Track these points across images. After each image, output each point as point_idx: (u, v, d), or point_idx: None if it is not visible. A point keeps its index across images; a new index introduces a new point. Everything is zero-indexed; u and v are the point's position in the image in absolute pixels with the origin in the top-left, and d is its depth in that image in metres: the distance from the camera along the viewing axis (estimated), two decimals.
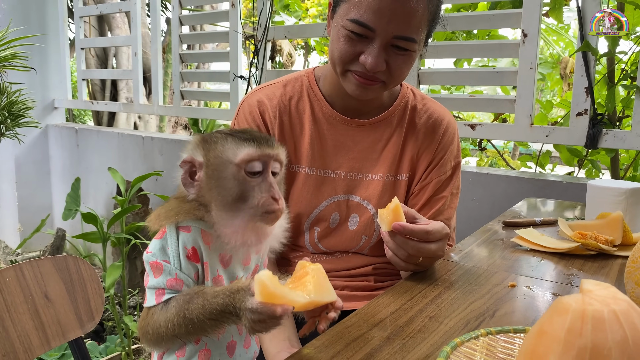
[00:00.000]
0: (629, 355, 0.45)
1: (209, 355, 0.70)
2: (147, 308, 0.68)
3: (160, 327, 0.66)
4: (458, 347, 0.64)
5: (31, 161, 3.89)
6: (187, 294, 0.66)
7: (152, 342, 0.68)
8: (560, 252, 1.11)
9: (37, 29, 3.72)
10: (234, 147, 0.68)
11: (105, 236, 2.39)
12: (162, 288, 0.67)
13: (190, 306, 0.64)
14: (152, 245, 0.69)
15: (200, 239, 0.69)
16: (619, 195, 1.23)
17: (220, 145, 0.69)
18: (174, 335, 0.66)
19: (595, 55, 1.81)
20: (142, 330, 0.69)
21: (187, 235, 0.68)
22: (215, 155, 0.68)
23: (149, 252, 0.69)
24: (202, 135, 0.72)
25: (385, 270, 1.23)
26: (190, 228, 0.68)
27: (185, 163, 0.70)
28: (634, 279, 0.74)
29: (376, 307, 0.82)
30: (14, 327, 0.80)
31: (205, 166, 0.69)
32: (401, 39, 1.00)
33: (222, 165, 0.68)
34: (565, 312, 0.48)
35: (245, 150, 0.68)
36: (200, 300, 0.64)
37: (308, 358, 0.67)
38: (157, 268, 0.67)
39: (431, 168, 1.18)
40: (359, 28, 1.00)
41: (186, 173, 0.70)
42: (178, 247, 0.68)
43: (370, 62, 1.00)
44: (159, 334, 0.67)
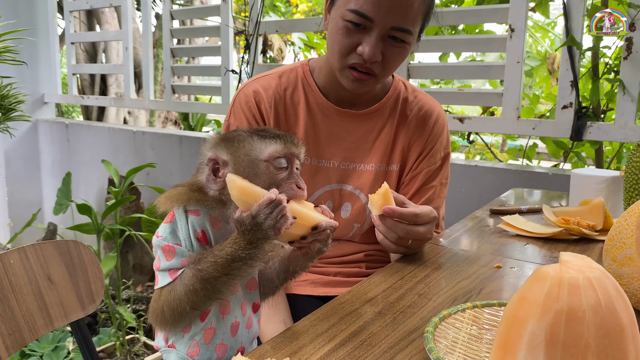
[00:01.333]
0: (602, 317, 0.49)
1: (212, 334, 0.73)
2: (159, 289, 0.70)
3: (181, 300, 0.67)
4: (446, 319, 0.67)
5: (20, 156, 3.88)
6: (196, 256, 0.68)
7: (168, 322, 0.69)
8: (544, 237, 1.15)
9: (27, 23, 3.70)
10: (261, 145, 0.71)
11: (100, 227, 2.40)
12: (177, 268, 0.69)
13: (203, 266, 0.67)
14: (161, 229, 0.71)
15: (209, 222, 0.71)
16: (600, 183, 1.28)
17: (248, 144, 0.71)
18: (194, 304, 0.68)
19: (579, 50, 1.86)
20: (156, 312, 0.70)
21: (197, 219, 0.71)
22: (245, 152, 0.71)
23: (159, 237, 0.70)
24: (222, 135, 0.74)
25: (376, 257, 1.26)
26: (199, 212, 0.71)
27: (210, 161, 0.72)
28: (610, 256, 0.79)
29: (368, 285, 0.85)
30: (19, 307, 0.83)
31: (233, 164, 0.71)
32: (398, 30, 1.03)
33: (251, 163, 0.71)
34: (544, 279, 0.52)
35: (272, 147, 0.71)
36: (210, 257, 0.67)
37: (302, 332, 0.70)
38: (169, 251, 0.69)
39: (421, 158, 1.21)
40: (358, 18, 1.02)
41: (210, 170, 0.72)
42: (188, 229, 0.70)
43: (367, 52, 1.03)
44: (180, 308, 0.68)
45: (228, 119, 1.20)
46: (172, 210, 0.71)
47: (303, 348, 0.66)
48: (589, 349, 0.48)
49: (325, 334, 0.70)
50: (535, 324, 0.49)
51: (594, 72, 1.99)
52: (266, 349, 0.66)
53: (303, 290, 1.19)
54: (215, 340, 0.73)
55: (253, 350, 0.66)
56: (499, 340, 0.53)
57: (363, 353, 0.65)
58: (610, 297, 0.50)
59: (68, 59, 3.82)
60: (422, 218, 0.98)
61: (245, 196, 0.65)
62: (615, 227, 0.80)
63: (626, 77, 1.78)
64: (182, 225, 0.70)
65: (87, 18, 4.92)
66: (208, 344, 0.72)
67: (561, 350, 0.48)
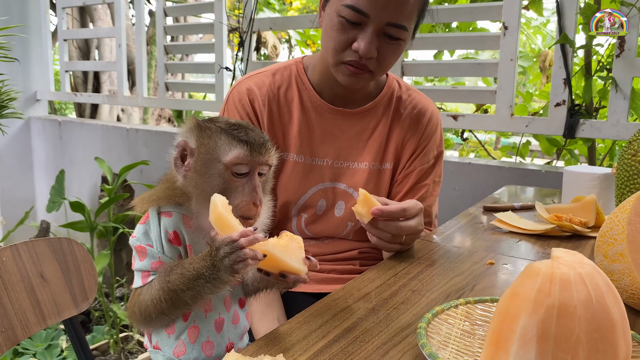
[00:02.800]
0: (592, 312, 0.49)
1: (197, 332, 0.73)
2: (134, 289, 0.71)
3: (147, 306, 0.69)
4: (439, 315, 0.68)
5: (13, 154, 3.86)
6: (166, 267, 0.68)
7: (140, 322, 0.71)
8: (537, 234, 1.16)
9: (19, 20, 3.68)
10: (225, 146, 0.69)
11: (93, 225, 2.39)
12: (148, 270, 0.70)
13: (171, 277, 0.67)
14: (136, 230, 0.72)
15: (182, 223, 0.71)
16: (592, 180, 1.29)
17: (213, 141, 0.70)
18: (161, 311, 0.68)
19: (572, 48, 1.86)
20: (130, 310, 0.72)
21: (169, 220, 0.71)
22: (207, 150, 0.69)
23: (134, 237, 0.72)
24: (199, 121, 0.73)
25: (370, 254, 1.27)
26: (172, 213, 0.71)
27: (178, 146, 0.72)
28: (602, 252, 0.79)
29: (361, 282, 0.86)
30: (11, 304, 0.83)
31: (195, 155, 0.71)
32: (393, 26, 1.03)
33: (210, 161, 0.69)
34: (536, 275, 0.52)
35: (235, 152, 0.69)
36: (179, 269, 0.66)
37: (296, 328, 0.70)
38: (141, 252, 0.70)
39: (415, 157, 1.22)
40: (353, 14, 1.02)
41: (178, 155, 0.72)
42: (160, 231, 0.70)
43: (363, 48, 1.03)
44: (147, 312, 0.69)
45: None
46: (146, 211, 0.72)
47: (296, 344, 0.66)
48: (580, 343, 0.48)
49: (319, 330, 0.70)
50: (527, 319, 0.50)
51: (586, 70, 2.00)
52: (260, 345, 0.66)
53: (297, 287, 1.19)
54: (200, 339, 0.73)
55: (246, 347, 0.66)
56: (491, 336, 0.53)
57: (356, 349, 0.65)
58: (601, 292, 0.51)
59: (61, 56, 3.80)
60: (410, 211, 0.98)
61: (220, 224, 0.63)
62: (606, 223, 0.81)
63: (618, 75, 1.79)
64: (154, 226, 0.71)
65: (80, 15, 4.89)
66: (194, 343, 0.73)
67: (553, 345, 0.48)
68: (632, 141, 1.08)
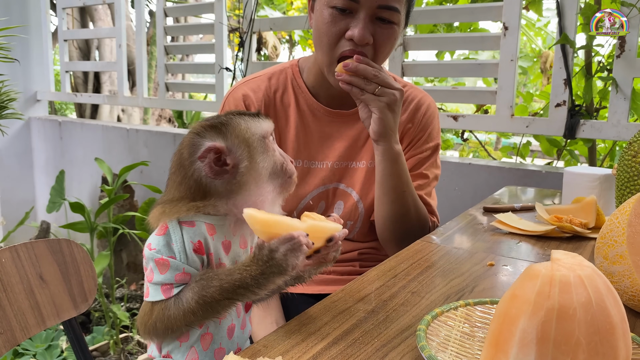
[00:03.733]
0: (592, 314, 0.49)
1: (210, 339, 0.72)
2: (151, 303, 0.68)
3: (176, 320, 0.67)
4: (438, 317, 0.68)
5: (13, 154, 3.86)
6: (200, 279, 0.67)
7: (160, 335, 0.69)
8: (537, 235, 1.16)
9: (19, 20, 3.68)
10: (256, 123, 0.72)
11: (93, 226, 2.39)
12: (170, 283, 0.67)
13: (209, 291, 0.66)
14: (154, 242, 0.68)
15: (206, 231, 0.70)
16: (593, 181, 1.28)
17: (246, 124, 0.71)
18: (188, 323, 0.67)
19: (572, 48, 1.86)
20: (147, 324, 0.68)
21: (192, 230, 0.68)
22: (252, 132, 0.71)
23: (152, 249, 0.68)
24: (210, 123, 0.71)
25: (370, 255, 1.27)
26: (194, 223, 0.69)
27: (208, 152, 0.68)
28: (602, 254, 0.79)
29: (361, 284, 0.86)
30: (10, 306, 0.82)
31: (243, 146, 0.70)
32: (385, 8, 1.02)
33: (258, 140, 0.71)
34: (536, 277, 0.52)
35: (264, 124, 0.73)
36: (217, 282, 0.66)
37: (295, 330, 0.70)
38: (162, 264, 0.67)
39: (411, 146, 1.22)
40: (343, 1, 1.01)
41: (211, 162, 0.68)
42: (183, 242, 0.68)
43: (357, 34, 1.02)
44: (174, 326, 0.67)
45: None
46: (165, 222, 0.69)
47: (295, 346, 0.66)
48: (580, 346, 0.48)
49: (318, 332, 0.70)
50: (526, 321, 0.49)
51: (587, 70, 2.00)
52: (258, 347, 0.66)
53: (296, 289, 1.19)
54: (213, 346, 0.72)
55: (245, 350, 0.66)
56: (491, 338, 0.53)
57: (356, 351, 0.65)
58: (601, 294, 0.50)
59: (61, 57, 3.80)
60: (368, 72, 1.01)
61: (268, 227, 0.65)
62: (606, 225, 0.80)
63: (619, 75, 1.78)
64: (176, 237, 0.68)
65: (80, 15, 4.89)
66: (207, 350, 0.72)
67: (552, 347, 0.48)
68: (632, 142, 1.08)
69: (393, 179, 1.10)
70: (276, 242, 0.65)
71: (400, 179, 1.10)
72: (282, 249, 0.64)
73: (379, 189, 1.12)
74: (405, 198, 1.12)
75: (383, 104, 1.03)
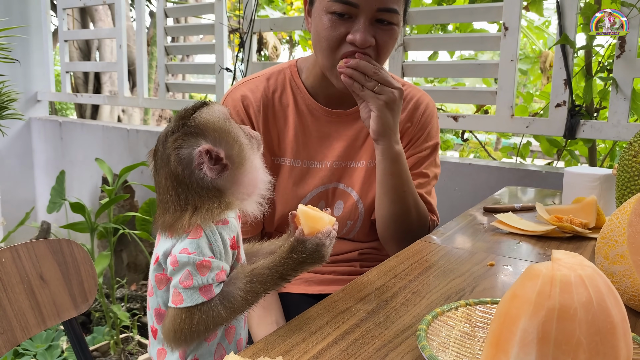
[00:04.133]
0: (593, 314, 0.49)
1: (234, 331, 0.75)
2: (186, 309, 0.66)
3: (223, 318, 0.68)
4: (439, 316, 0.68)
5: (14, 154, 3.86)
6: (245, 275, 0.70)
7: (199, 338, 0.69)
8: (537, 235, 1.16)
9: (19, 21, 3.68)
10: (210, 110, 0.74)
11: (93, 226, 2.40)
12: (210, 284, 0.67)
13: (254, 286, 0.70)
14: (191, 245, 0.67)
15: (238, 225, 0.74)
16: (593, 181, 1.28)
17: (208, 116, 0.72)
18: (233, 319, 0.71)
19: (573, 48, 1.86)
20: (184, 330, 0.67)
21: (228, 227, 0.71)
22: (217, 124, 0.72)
23: (191, 254, 0.66)
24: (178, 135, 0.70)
25: (370, 255, 1.27)
26: (227, 220, 0.71)
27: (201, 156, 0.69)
28: (602, 254, 0.79)
29: (361, 283, 0.86)
30: (10, 306, 0.83)
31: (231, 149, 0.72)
32: (385, 11, 1.02)
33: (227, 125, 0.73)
34: (536, 277, 0.52)
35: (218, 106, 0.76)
36: (261, 277, 0.70)
37: (295, 330, 0.70)
38: (204, 266, 0.66)
39: (410, 145, 1.22)
40: (342, 7, 1.01)
41: (207, 164, 0.69)
42: (221, 241, 0.69)
43: (359, 37, 1.02)
44: (217, 325, 0.68)
45: None
46: (197, 226, 0.68)
47: (296, 346, 0.66)
48: (581, 346, 0.48)
49: (319, 332, 0.70)
50: (527, 321, 0.49)
51: (587, 71, 2.00)
52: (259, 347, 0.66)
53: (297, 289, 1.19)
54: (236, 337, 0.75)
55: (246, 349, 0.66)
56: (492, 338, 0.53)
57: (356, 351, 0.65)
58: (601, 294, 0.50)
59: (61, 57, 3.80)
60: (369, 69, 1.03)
61: (315, 223, 0.74)
62: (607, 225, 0.80)
63: (619, 76, 1.78)
64: (215, 238, 0.69)
65: (81, 15, 4.89)
66: (231, 343, 0.74)
67: (553, 347, 0.48)
68: (632, 142, 1.08)
69: (393, 179, 1.10)
70: (322, 237, 0.73)
71: (400, 179, 1.11)
72: (327, 243, 0.73)
73: (380, 189, 1.13)
74: (406, 197, 1.12)
75: (382, 102, 1.04)
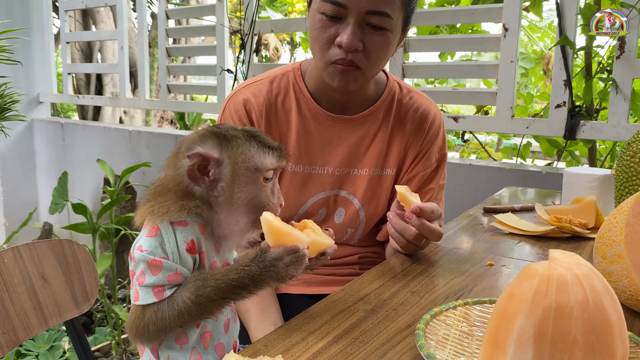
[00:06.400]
0: (589, 313, 0.50)
1: (210, 337, 0.72)
2: (141, 306, 0.67)
3: (170, 321, 0.66)
4: (437, 316, 0.68)
5: (16, 156, 3.87)
6: (196, 279, 0.67)
7: (151, 338, 0.68)
8: (537, 235, 1.16)
9: (22, 23, 3.70)
10: (260, 155, 0.71)
11: (95, 227, 2.40)
12: (162, 285, 0.67)
13: (205, 291, 0.66)
14: (145, 243, 0.68)
15: (198, 230, 0.70)
16: (592, 182, 1.29)
17: (247, 150, 0.70)
18: (181, 324, 0.67)
19: (573, 49, 1.87)
20: (137, 327, 0.67)
21: (185, 230, 0.68)
22: (243, 159, 0.69)
23: (144, 251, 0.67)
24: (217, 131, 0.71)
25: (370, 258, 1.26)
26: (187, 222, 0.69)
27: (197, 156, 0.68)
28: (600, 254, 0.79)
29: (361, 284, 0.86)
30: (13, 306, 0.83)
31: (230, 167, 0.69)
32: (374, 13, 0.99)
33: (246, 170, 0.70)
34: (533, 276, 0.53)
35: (270, 158, 0.71)
36: (213, 282, 0.66)
37: (295, 329, 0.71)
38: (155, 266, 0.66)
39: (417, 161, 1.19)
40: (332, 7, 1.00)
41: (195, 166, 0.69)
42: (176, 242, 0.68)
43: (345, 40, 0.99)
44: (167, 328, 0.67)
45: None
46: (155, 223, 0.68)
47: (295, 345, 0.67)
48: (577, 344, 0.49)
49: (318, 331, 0.70)
50: (524, 320, 0.50)
51: (587, 72, 2.00)
52: (259, 346, 0.67)
53: (296, 290, 1.20)
54: (213, 342, 0.73)
55: (245, 348, 0.67)
56: (489, 336, 0.53)
57: (355, 350, 0.65)
58: (598, 293, 0.51)
59: (63, 59, 3.81)
60: (436, 213, 0.98)
61: (279, 237, 0.67)
62: (605, 225, 0.81)
63: (619, 76, 1.79)
64: (169, 238, 0.68)
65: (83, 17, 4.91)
66: (208, 348, 0.72)
67: (549, 345, 0.49)
68: (631, 143, 1.08)
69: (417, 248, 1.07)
70: (282, 252, 0.67)
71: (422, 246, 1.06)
72: (286, 260, 0.66)
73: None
74: (424, 245, 1.07)
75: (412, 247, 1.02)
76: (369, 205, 1.19)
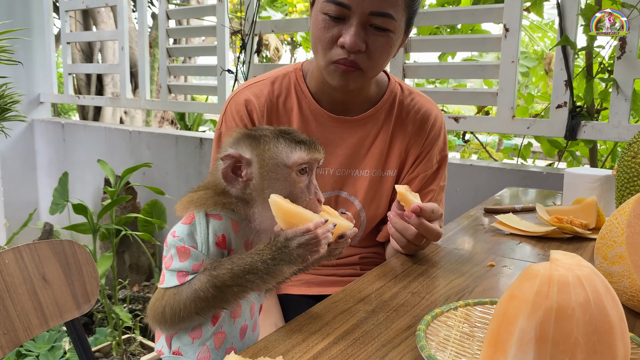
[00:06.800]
0: (591, 314, 0.50)
1: (223, 338, 0.72)
2: (163, 289, 0.69)
3: (185, 305, 0.67)
4: (438, 317, 0.68)
5: (16, 156, 3.87)
6: (213, 262, 0.68)
7: (167, 323, 0.69)
8: (538, 236, 1.16)
9: (22, 23, 3.70)
10: (287, 149, 0.72)
11: (96, 227, 2.40)
12: (187, 271, 0.68)
13: (219, 272, 0.67)
14: (179, 229, 0.70)
15: (231, 227, 0.71)
16: (593, 182, 1.29)
17: (274, 147, 0.72)
18: (197, 310, 0.68)
19: (574, 49, 1.87)
20: (156, 310, 0.69)
21: (219, 223, 0.70)
22: (270, 156, 0.71)
23: (176, 237, 0.69)
24: (249, 132, 0.74)
25: (371, 259, 1.26)
26: (221, 216, 0.71)
27: (230, 157, 0.71)
28: (601, 254, 0.79)
29: (362, 284, 0.86)
30: (13, 307, 0.83)
31: (257, 165, 0.71)
32: (378, 15, 0.99)
33: (276, 166, 0.71)
34: (534, 277, 0.52)
35: (298, 153, 0.72)
36: (227, 264, 0.67)
37: (296, 330, 0.71)
38: (184, 252, 0.68)
39: (418, 162, 1.19)
40: (335, 8, 1.00)
41: (229, 167, 0.71)
42: (208, 234, 0.69)
43: (348, 41, 0.99)
44: (181, 312, 0.67)
45: (220, 127, 1.18)
46: (192, 213, 0.71)
47: (296, 346, 0.67)
48: (578, 345, 0.49)
49: (319, 332, 0.70)
50: (525, 321, 0.50)
51: (588, 72, 2.00)
52: (259, 347, 0.67)
53: (297, 290, 1.20)
54: (225, 345, 0.72)
55: (246, 349, 0.67)
56: (490, 338, 0.53)
57: (356, 351, 0.65)
58: (599, 294, 0.51)
59: (64, 59, 3.82)
60: (437, 213, 0.98)
61: (290, 218, 0.67)
62: (606, 225, 0.81)
63: (620, 77, 1.79)
64: (201, 228, 0.70)
65: (83, 18, 4.91)
66: (218, 349, 0.72)
67: (551, 347, 0.49)
68: (632, 143, 1.08)
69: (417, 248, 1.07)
70: (292, 232, 0.67)
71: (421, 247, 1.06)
72: (297, 241, 0.66)
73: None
74: (424, 246, 1.07)
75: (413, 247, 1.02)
76: (370, 206, 1.19)
